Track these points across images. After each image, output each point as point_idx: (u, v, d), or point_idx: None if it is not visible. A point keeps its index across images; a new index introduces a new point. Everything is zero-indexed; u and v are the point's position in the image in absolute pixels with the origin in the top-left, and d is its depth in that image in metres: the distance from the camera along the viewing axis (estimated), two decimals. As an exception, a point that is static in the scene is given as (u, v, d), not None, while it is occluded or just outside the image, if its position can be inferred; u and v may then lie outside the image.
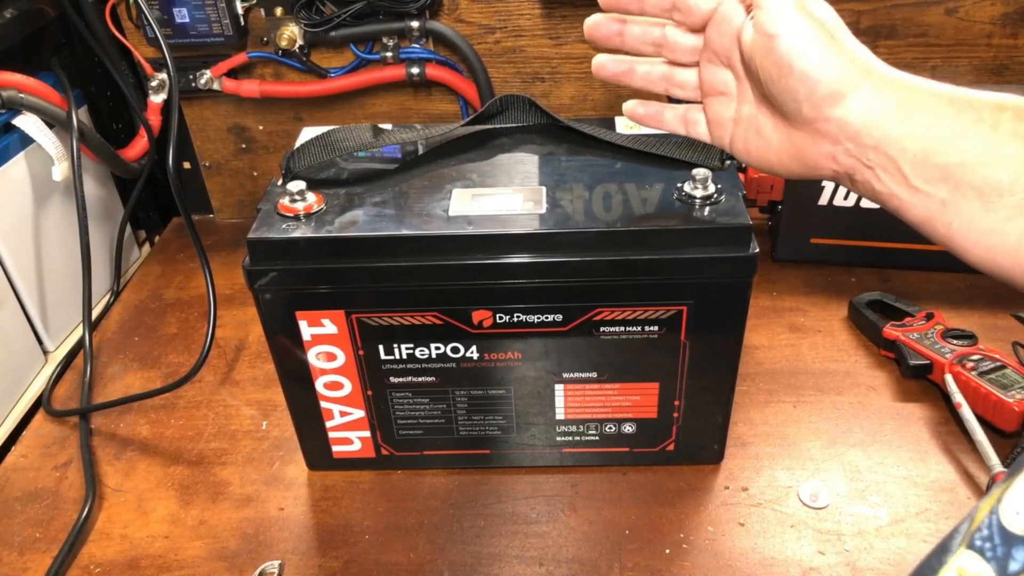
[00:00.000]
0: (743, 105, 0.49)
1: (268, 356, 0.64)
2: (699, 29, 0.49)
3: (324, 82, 0.96)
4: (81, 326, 0.88)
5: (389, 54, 0.94)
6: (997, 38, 0.90)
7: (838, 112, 0.43)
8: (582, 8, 0.91)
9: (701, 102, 0.52)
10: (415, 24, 0.91)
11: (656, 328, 0.61)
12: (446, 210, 0.59)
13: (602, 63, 0.53)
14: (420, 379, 0.65)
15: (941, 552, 0.32)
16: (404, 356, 0.63)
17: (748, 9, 0.46)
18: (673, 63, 0.52)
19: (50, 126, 0.83)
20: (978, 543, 0.30)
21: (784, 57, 0.43)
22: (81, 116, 0.85)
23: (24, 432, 0.78)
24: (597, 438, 0.68)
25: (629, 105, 0.55)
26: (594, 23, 0.52)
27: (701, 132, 0.53)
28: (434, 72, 0.94)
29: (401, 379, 0.65)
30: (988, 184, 0.39)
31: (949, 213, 0.41)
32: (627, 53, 0.53)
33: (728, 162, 0.62)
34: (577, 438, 0.68)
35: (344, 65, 0.96)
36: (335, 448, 0.70)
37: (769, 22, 0.44)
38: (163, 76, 0.94)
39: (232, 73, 0.97)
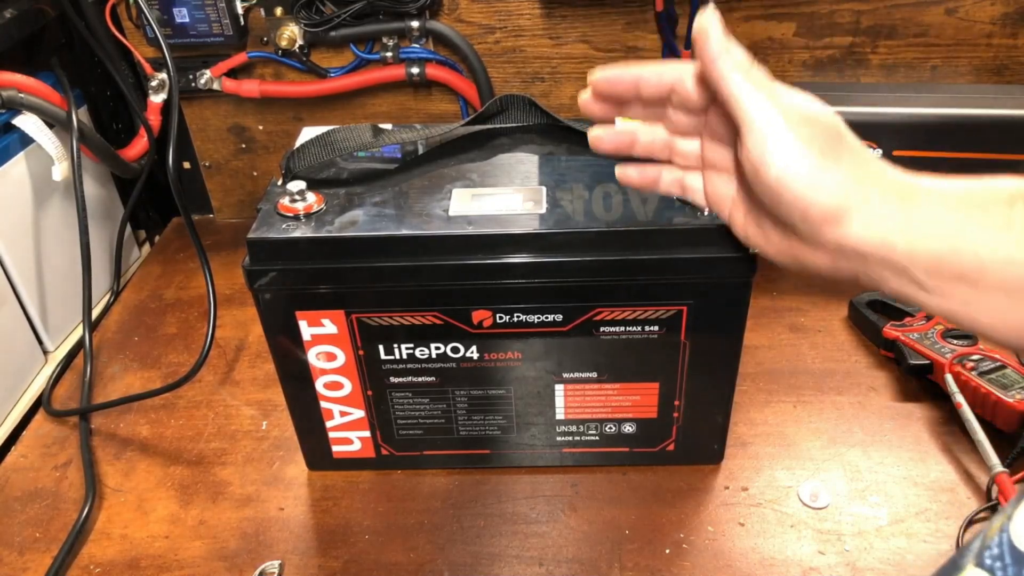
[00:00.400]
0: (743, 190, 0.47)
1: (268, 356, 0.64)
2: (699, 112, 0.47)
3: (324, 82, 0.96)
4: (81, 326, 0.88)
5: (389, 54, 0.94)
6: (997, 38, 0.90)
7: (836, 233, 0.41)
8: (582, 8, 0.91)
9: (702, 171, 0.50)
10: (415, 24, 0.91)
11: (656, 328, 0.61)
12: (446, 210, 0.59)
13: (599, 136, 0.50)
14: (420, 379, 0.65)
15: (951, 569, 0.32)
16: (404, 356, 0.63)
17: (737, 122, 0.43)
18: (675, 133, 0.49)
19: (50, 126, 0.83)
20: (988, 561, 0.30)
21: (773, 184, 0.41)
22: (81, 116, 0.85)
23: (24, 432, 0.78)
24: (597, 438, 0.68)
25: (621, 171, 0.52)
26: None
27: (698, 200, 0.50)
28: (434, 72, 0.94)
29: (401, 379, 0.65)
30: (1011, 282, 0.38)
31: (974, 310, 0.39)
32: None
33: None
34: (577, 438, 0.68)
35: (344, 65, 0.96)
36: (335, 448, 0.70)
37: (755, 148, 0.41)
38: (163, 76, 0.94)
39: (232, 73, 0.97)
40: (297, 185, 0.60)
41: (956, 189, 0.40)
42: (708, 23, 0.42)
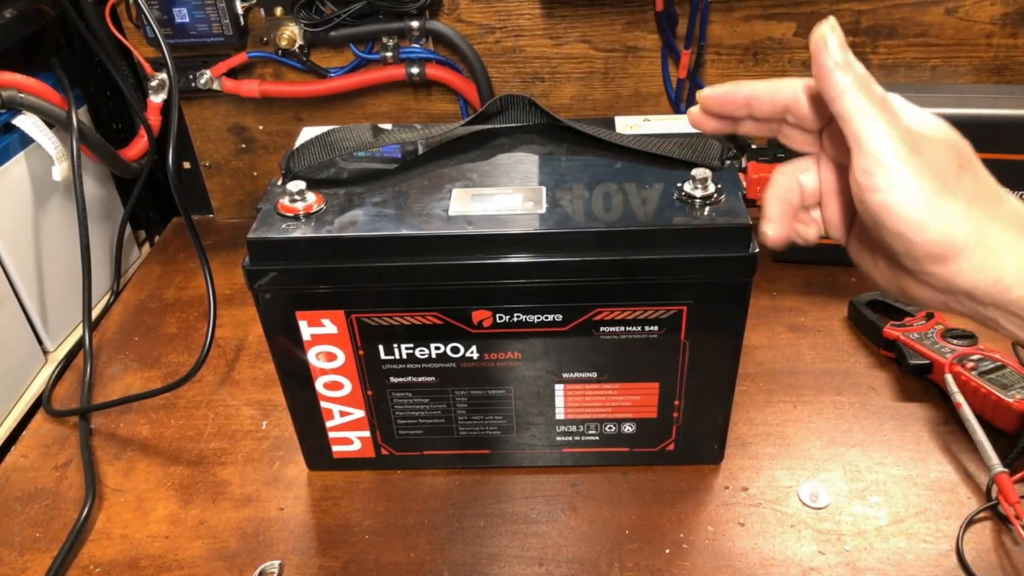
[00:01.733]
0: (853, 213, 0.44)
1: (268, 356, 0.64)
2: (815, 130, 0.44)
3: (324, 82, 0.96)
4: (81, 326, 0.88)
5: (389, 54, 0.94)
6: (997, 38, 0.90)
7: (944, 271, 0.37)
8: (582, 8, 0.91)
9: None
10: (415, 24, 0.91)
11: (656, 328, 0.61)
12: (446, 210, 0.59)
13: (702, 121, 0.45)
14: (420, 379, 0.65)
15: None
16: (404, 356, 0.63)
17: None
18: (790, 148, 0.45)
19: (50, 126, 0.83)
20: None
21: (877, 212, 0.38)
22: (81, 116, 0.85)
23: (24, 432, 0.78)
24: (597, 438, 0.68)
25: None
26: (697, 120, 0.45)
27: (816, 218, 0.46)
28: (434, 72, 0.94)
29: (401, 379, 0.65)
30: None
31: None
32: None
33: (728, 161, 0.61)
34: (577, 438, 0.68)
35: (344, 65, 0.96)
36: (335, 448, 0.70)
37: (863, 171, 0.38)
38: (163, 76, 0.94)
39: (232, 73, 0.97)
40: (297, 185, 0.60)
41: None
42: (827, 31, 0.39)
